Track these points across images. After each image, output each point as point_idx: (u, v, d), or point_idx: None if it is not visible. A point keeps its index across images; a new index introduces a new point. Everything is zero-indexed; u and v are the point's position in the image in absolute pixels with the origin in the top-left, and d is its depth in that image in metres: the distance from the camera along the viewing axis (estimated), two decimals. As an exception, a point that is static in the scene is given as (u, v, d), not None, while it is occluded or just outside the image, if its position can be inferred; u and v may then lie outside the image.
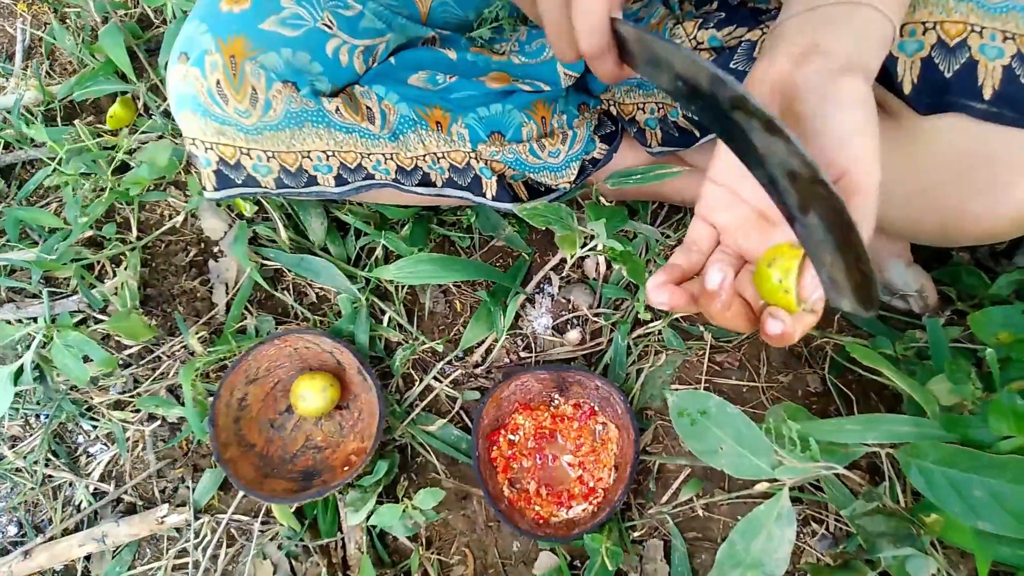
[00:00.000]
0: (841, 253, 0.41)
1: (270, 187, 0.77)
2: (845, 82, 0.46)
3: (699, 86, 0.43)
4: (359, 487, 0.93)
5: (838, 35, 0.48)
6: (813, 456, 0.73)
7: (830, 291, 0.43)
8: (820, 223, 0.41)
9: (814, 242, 0.42)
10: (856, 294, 0.42)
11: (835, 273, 0.42)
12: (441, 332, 1.04)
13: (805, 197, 0.41)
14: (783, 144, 0.40)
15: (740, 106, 0.41)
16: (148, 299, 1.07)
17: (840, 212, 0.39)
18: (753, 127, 0.41)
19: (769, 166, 0.42)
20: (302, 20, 0.69)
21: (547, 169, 0.80)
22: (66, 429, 1.04)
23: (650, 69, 0.48)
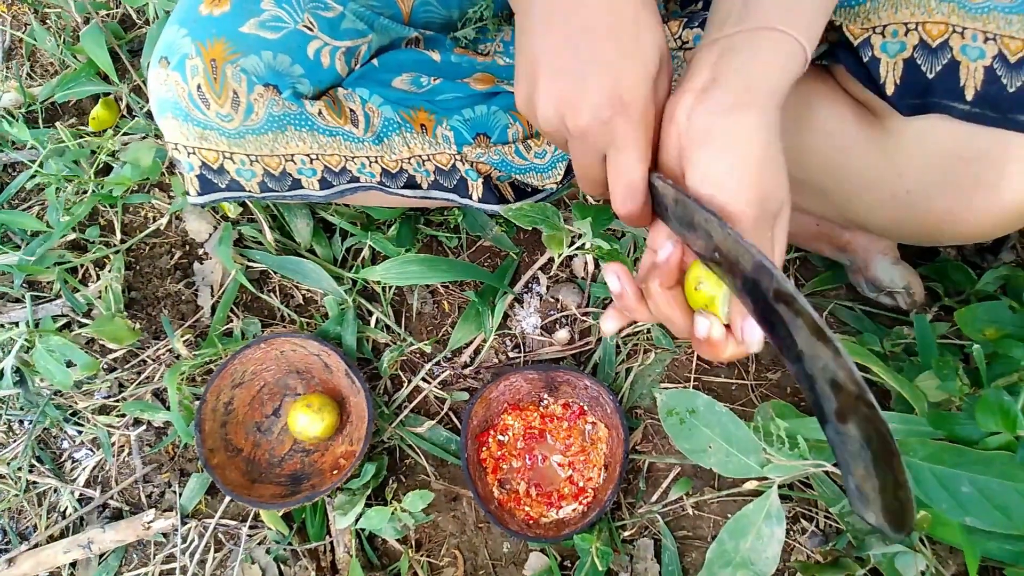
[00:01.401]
0: (878, 473, 0.40)
1: (254, 191, 0.76)
2: (731, 120, 0.46)
3: (740, 266, 0.43)
4: (347, 490, 0.92)
5: (736, 66, 0.48)
6: (802, 454, 0.74)
7: (855, 499, 0.43)
8: (858, 437, 0.40)
9: (848, 452, 0.41)
10: (886, 513, 0.41)
11: (865, 487, 0.41)
12: (429, 333, 1.04)
13: (845, 408, 0.40)
14: (830, 352, 0.39)
15: (786, 301, 0.41)
16: (133, 302, 1.06)
17: (885, 437, 0.38)
18: (798, 326, 0.41)
19: (809, 366, 0.41)
20: (282, 22, 0.68)
21: (533, 170, 0.80)
22: (50, 435, 1.03)
23: (684, 230, 0.48)
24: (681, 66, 0.76)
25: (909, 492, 0.39)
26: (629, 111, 0.47)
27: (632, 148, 0.48)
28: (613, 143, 0.49)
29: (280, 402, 1.00)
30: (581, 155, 0.51)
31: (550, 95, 0.49)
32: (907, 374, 0.79)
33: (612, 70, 0.47)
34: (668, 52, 0.50)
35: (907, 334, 0.89)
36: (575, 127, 0.48)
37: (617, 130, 0.48)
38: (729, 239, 0.43)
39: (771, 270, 0.41)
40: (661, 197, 0.49)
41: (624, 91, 0.47)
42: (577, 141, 0.50)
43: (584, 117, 0.48)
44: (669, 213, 0.49)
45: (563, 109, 0.48)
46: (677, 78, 0.76)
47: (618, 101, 0.47)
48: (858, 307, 0.96)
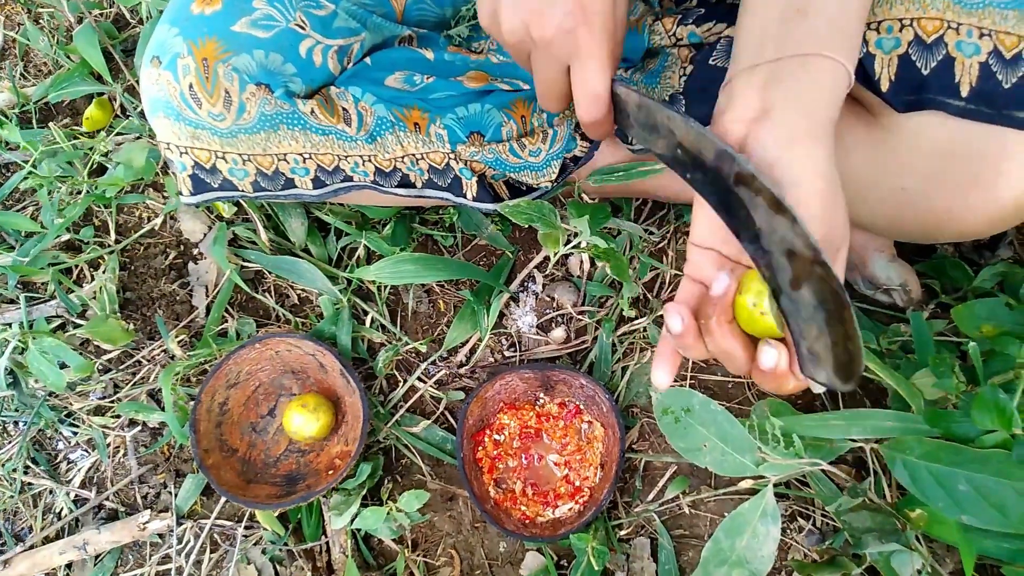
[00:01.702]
0: (831, 329, 0.42)
1: (247, 190, 0.76)
2: (793, 154, 0.45)
3: (701, 157, 0.45)
4: (343, 490, 0.92)
5: (789, 95, 0.47)
6: (797, 452, 0.73)
7: (807, 363, 0.45)
8: (811, 300, 0.42)
9: (800, 317, 0.44)
10: (836, 369, 0.43)
11: (817, 347, 0.44)
12: (425, 332, 1.03)
13: (800, 274, 0.42)
14: (788, 223, 0.42)
15: (746, 182, 0.43)
16: (127, 303, 1.06)
17: (837, 292, 0.41)
18: (757, 204, 0.43)
19: (766, 241, 0.44)
20: (274, 21, 0.68)
21: (528, 168, 0.80)
22: (45, 436, 1.03)
23: (646, 134, 0.50)
24: (675, 62, 0.76)
25: (858, 342, 0.41)
26: (592, 21, 0.50)
27: (595, 57, 0.51)
28: (577, 53, 0.51)
29: (275, 402, 0.99)
30: (545, 67, 0.53)
31: (516, 7, 0.51)
32: (904, 372, 0.79)
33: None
34: None
35: (904, 331, 0.88)
36: (540, 37, 0.51)
37: (581, 40, 0.51)
38: (692, 132, 0.45)
39: (733, 154, 0.43)
40: (623, 104, 0.52)
41: (587, 2, 0.50)
42: (541, 52, 0.52)
43: (549, 27, 0.50)
44: (632, 120, 0.52)
45: (528, 20, 0.51)
46: (672, 75, 0.76)
47: (580, 11, 0.50)
48: (854, 304, 0.96)
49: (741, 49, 0.52)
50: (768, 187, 0.42)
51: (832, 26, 0.49)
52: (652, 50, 0.78)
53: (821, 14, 0.49)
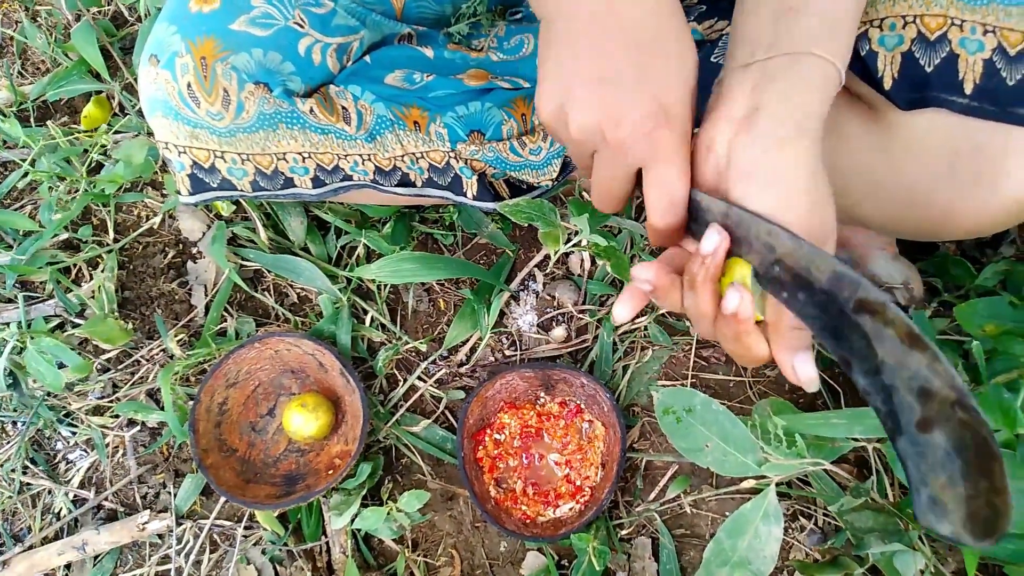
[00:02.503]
0: (970, 481, 0.38)
1: (246, 190, 0.76)
2: (780, 154, 0.45)
3: (809, 278, 0.41)
4: (343, 490, 0.92)
5: (778, 95, 0.47)
6: (799, 452, 0.73)
7: (925, 511, 0.40)
8: (945, 447, 0.38)
9: (925, 463, 0.40)
10: (969, 522, 0.39)
11: (945, 497, 0.39)
12: (425, 331, 1.03)
13: (933, 417, 0.38)
14: (926, 360, 0.38)
15: (872, 311, 0.39)
16: (126, 302, 1.05)
17: (985, 442, 0.37)
18: (885, 336, 0.39)
19: (890, 376, 0.40)
20: (273, 19, 0.68)
21: (528, 167, 0.79)
22: (44, 436, 1.02)
23: (734, 247, 0.46)
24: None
25: (1008, 496, 0.37)
26: (673, 124, 0.47)
27: (676, 161, 0.47)
28: (654, 156, 0.47)
29: (275, 402, 0.99)
30: (611, 168, 0.50)
31: (589, 104, 0.47)
32: (906, 371, 0.79)
33: (657, 82, 0.46)
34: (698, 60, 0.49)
35: (906, 330, 0.88)
36: (614, 138, 0.47)
37: (660, 142, 0.47)
38: (801, 250, 0.41)
39: (856, 279, 0.39)
40: (703, 212, 0.48)
41: (669, 103, 0.46)
42: (611, 153, 0.49)
43: (626, 128, 0.47)
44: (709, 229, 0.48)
45: (603, 117, 0.47)
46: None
47: (662, 113, 0.46)
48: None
49: (735, 46, 0.51)
50: (902, 318, 0.38)
51: (824, 25, 0.48)
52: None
53: (814, 13, 0.48)
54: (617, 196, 0.52)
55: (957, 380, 0.37)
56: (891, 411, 0.40)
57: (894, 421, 0.40)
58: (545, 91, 0.49)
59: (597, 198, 0.53)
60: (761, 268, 0.44)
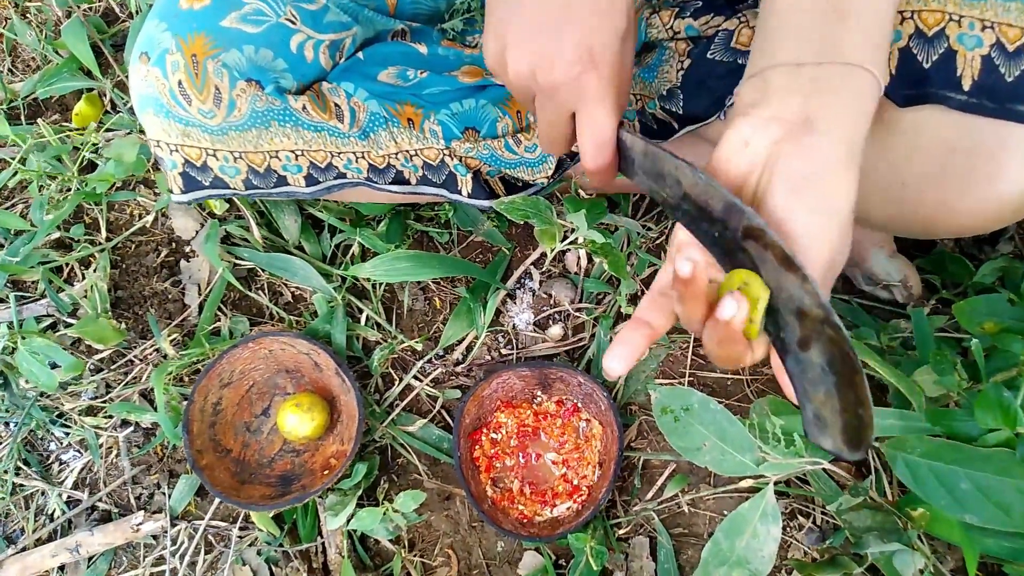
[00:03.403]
0: (840, 394, 0.41)
1: (239, 188, 0.75)
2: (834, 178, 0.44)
3: (708, 208, 0.44)
4: (339, 490, 0.91)
5: (835, 108, 0.45)
6: (798, 451, 0.73)
7: (811, 426, 0.44)
8: (821, 362, 0.41)
9: (807, 379, 0.43)
10: (844, 435, 0.42)
11: (824, 411, 0.42)
12: (420, 330, 1.02)
13: (808, 334, 0.41)
14: (798, 281, 0.40)
15: (755, 236, 0.42)
16: (119, 301, 1.05)
17: (849, 355, 0.39)
18: (766, 259, 0.42)
19: (774, 299, 0.43)
20: (264, 16, 0.67)
21: (524, 164, 0.78)
22: (36, 437, 1.01)
23: (651, 181, 0.50)
24: (672, 56, 0.74)
25: (870, 408, 0.40)
26: (600, 67, 0.49)
27: (602, 103, 0.50)
28: (583, 99, 0.50)
29: (269, 402, 0.98)
30: (549, 111, 0.53)
31: (523, 50, 0.50)
32: (904, 369, 0.78)
33: (584, 27, 0.49)
34: (635, 14, 0.52)
35: (904, 328, 0.88)
36: (546, 81, 0.50)
37: (587, 85, 0.50)
38: (700, 182, 0.44)
39: (742, 207, 0.42)
40: (628, 150, 0.51)
41: (596, 48, 0.49)
42: (546, 96, 0.51)
43: (556, 72, 0.50)
44: (636, 166, 0.51)
45: (535, 64, 0.50)
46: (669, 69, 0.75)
47: (589, 57, 0.49)
48: (854, 301, 0.95)
49: (774, 41, 0.49)
50: (778, 242, 0.41)
51: (869, 36, 0.47)
52: (649, 44, 0.77)
53: (860, 21, 0.47)
54: (556, 138, 0.55)
55: (823, 298, 0.40)
56: (776, 332, 0.43)
57: (781, 341, 0.43)
58: (488, 38, 0.53)
59: (542, 141, 0.57)
60: (673, 200, 0.47)
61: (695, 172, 0.44)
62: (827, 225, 0.43)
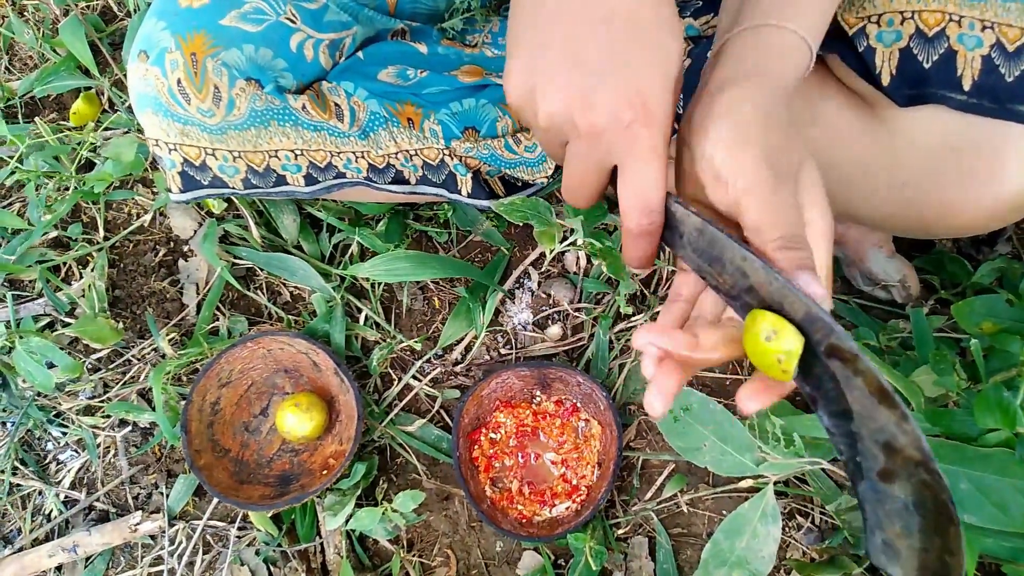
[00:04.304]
0: (923, 537, 0.38)
1: (238, 188, 0.75)
2: (723, 97, 0.44)
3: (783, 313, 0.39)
4: (337, 490, 0.91)
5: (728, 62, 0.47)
6: (798, 451, 0.73)
7: (877, 551, 0.40)
8: (905, 501, 0.38)
9: (882, 509, 0.39)
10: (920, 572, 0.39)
11: (898, 544, 0.39)
12: (419, 330, 1.02)
13: (895, 471, 0.38)
14: (894, 418, 0.37)
15: (844, 359, 0.38)
16: (117, 301, 1.04)
17: (944, 504, 0.36)
18: (854, 385, 0.38)
19: (857, 425, 0.39)
20: (264, 14, 0.67)
21: (523, 164, 0.78)
22: (34, 436, 1.01)
23: (703, 263, 0.43)
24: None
25: (962, 559, 0.37)
26: (653, 118, 0.42)
27: (654, 162, 0.43)
28: (631, 153, 0.43)
29: (268, 401, 0.98)
30: (584, 159, 0.45)
31: (560, 87, 0.43)
32: (903, 369, 0.79)
33: (635, 70, 0.42)
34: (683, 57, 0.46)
35: (903, 328, 0.88)
36: (588, 125, 0.43)
37: (638, 137, 0.42)
38: (775, 285, 0.39)
39: (828, 323, 0.38)
40: (678, 223, 0.44)
41: (648, 95, 0.42)
42: (584, 142, 0.44)
43: (601, 115, 0.42)
44: (685, 241, 0.44)
45: (574, 105, 0.43)
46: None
47: (641, 104, 0.42)
48: (853, 301, 0.95)
49: (715, 39, 0.52)
50: (874, 371, 0.37)
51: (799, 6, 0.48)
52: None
53: None
54: (589, 192, 0.47)
55: (923, 442, 0.36)
56: (854, 456, 0.40)
57: (856, 466, 0.40)
58: (514, 72, 0.45)
59: (568, 192, 0.49)
60: (730, 290, 0.42)
61: (768, 271, 0.39)
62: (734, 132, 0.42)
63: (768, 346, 0.38)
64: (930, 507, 0.37)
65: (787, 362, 0.38)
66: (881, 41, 0.59)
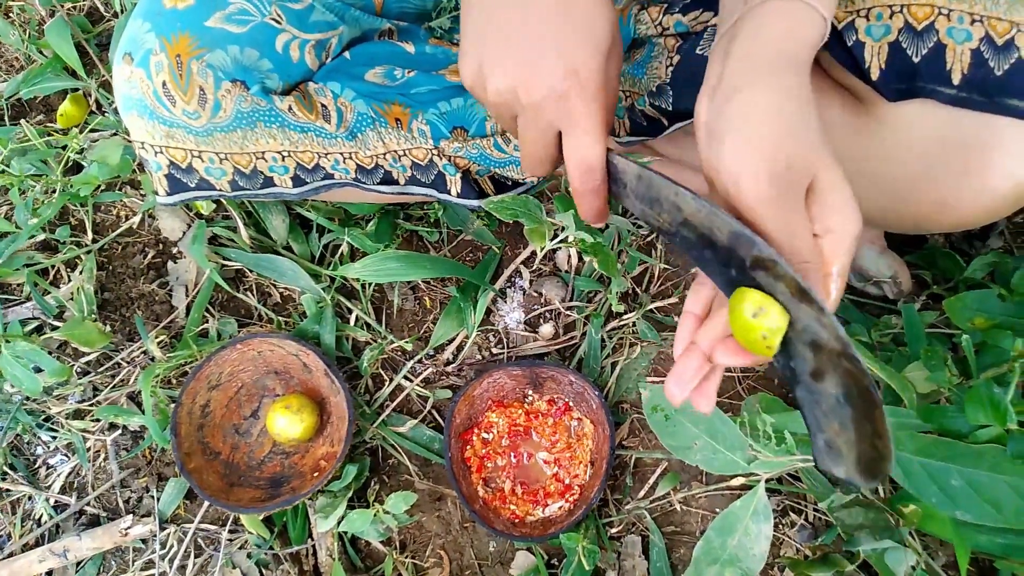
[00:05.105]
0: (857, 426, 0.40)
1: (225, 190, 0.74)
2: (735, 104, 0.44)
3: (712, 237, 0.43)
4: (329, 492, 0.90)
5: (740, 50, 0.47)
6: (789, 449, 0.72)
7: (822, 455, 0.43)
8: (836, 393, 0.40)
9: (819, 409, 0.42)
10: (859, 465, 0.41)
11: (838, 441, 0.42)
12: (410, 330, 1.02)
13: (823, 367, 0.40)
14: (814, 312, 0.39)
15: (765, 267, 0.41)
16: (105, 303, 1.04)
17: (867, 390, 0.39)
18: (778, 290, 0.40)
19: (789, 330, 0.41)
20: (249, 15, 0.66)
21: (513, 163, 0.78)
22: (23, 441, 1.00)
23: (646, 207, 0.48)
24: (661, 52, 0.74)
25: (888, 441, 0.39)
26: (585, 86, 0.47)
27: (589, 125, 0.48)
28: (568, 119, 0.48)
29: (258, 404, 0.97)
30: (532, 131, 0.50)
31: (504, 67, 0.48)
32: (895, 365, 0.78)
33: (567, 48, 0.47)
34: (619, 32, 0.50)
35: (895, 323, 0.88)
36: (529, 101, 0.48)
37: (573, 106, 0.47)
38: (703, 210, 0.43)
39: (751, 237, 0.41)
40: (620, 175, 0.49)
41: (579, 66, 0.47)
42: (529, 116, 0.49)
43: (539, 90, 0.47)
44: (628, 190, 0.49)
45: (516, 82, 0.48)
46: (658, 65, 0.74)
47: (574, 76, 0.47)
48: (845, 296, 0.95)
49: (719, 22, 0.52)
50: (791, 274, 0.39)
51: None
52: (638, 40, 0.76)
53: None
54: (541, 159, 0.52)
55: (841, 331, 0.39)
56: (786, 363, 0.42)
57: (791, 371, 0.43)
58: (464, 55, 0.51)
59: (524, 161, 0.54)
60: (671, 227, 0.46)
61: (697, 200, 0.43)
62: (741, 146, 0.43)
63: (753, 323, 0.41)
64: (855, 395, 0.40)
65: (771, 338, 0.41)
66: (870, 35, 0.59)
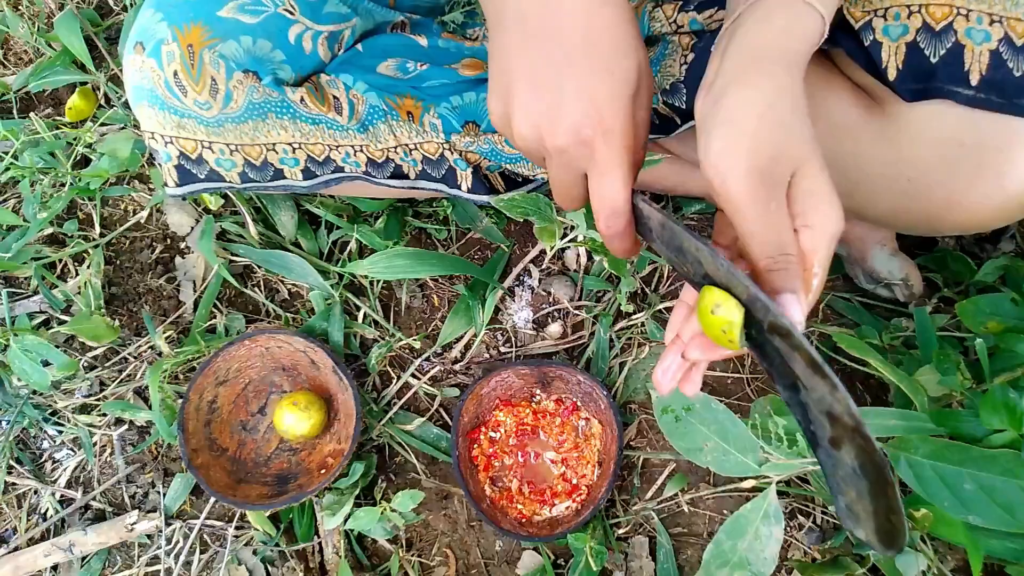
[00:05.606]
0: (872, 499, 0.41)
1: (234, 182, 0.74)
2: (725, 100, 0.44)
3: (732, 294, 0.43)
4: (336, 490, 0.90)
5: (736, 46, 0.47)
6: (800, 452, 0.72)
7: (844, 516, 0.43)
8: (852, 464, 0.41)
9: (839, 474, 0.42)
10: (878, 533, 0.42)
11: (856, 508, 0.42)
12: (418, 328, 1.01)
13: (840, 437, 0.41)
14: (827, 388, 0.40)
15: (782, 335, 0.41)
16: (113, 298, 1.03)
17: (880, 467, 0.39)
18: (794, 359, 0.41)
19: (804, 396, 0.42)
20: (262, 6, 0.66)
21: (524, 159, 0.77)
22: (29, 435, 1.00)
23: (671, 254, 0.47)
24: (676, 50, 0.74)
25: (902, 517, 0.40)
26: (609, 130, 0.46)
27: (613, 169, 0.47)
28: (593, 163, 0.47)
29: (266, 400, 0.97)
30: (560, 173, 0.49)
31: (527, 112, 0.47)
32: (906, 368, 0.78)
33: (588, 88, 0.45)
34: (648, 68, 0.48)
35: (906, 326, 0.87)
36: (553, 145, 0.47)
37: (597, 150, 0.46)
38: (721, 270, 0.42)
39: (766, 303, 0.41)
40: (646, 220, 0.48)
41: (603, 107, 0.45)
42: (555, 159, 0.48)
43: (562, 135, 0.46)
44: (655, 236, 0.48)
45: (540, 126, 0.47)
46: (672, 63, 0.74)
47: (597, 119, 0.45)
48: (855, 299, 0.95)
49: (725, 19, 0.51)
50: (806, 347, 0.39)
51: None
52: (652, 37, 0.76)
53: None
54: (573, 197, 0.52)
55: (853, 409, 0.39)
56: (808, 426, 0.43)
57: (812, 435, 0.43)
58: (492, 96, 0.50)
59: (556, 198, 0.53)
60: (696, 277, 0.46)
61: (716, 258, 0.43)
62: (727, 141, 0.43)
63: (713, 318, 0.42)
64: (870, 470, 0.40)
65: (731, 332, 0.42)
66: (888, 35, 0.58)
